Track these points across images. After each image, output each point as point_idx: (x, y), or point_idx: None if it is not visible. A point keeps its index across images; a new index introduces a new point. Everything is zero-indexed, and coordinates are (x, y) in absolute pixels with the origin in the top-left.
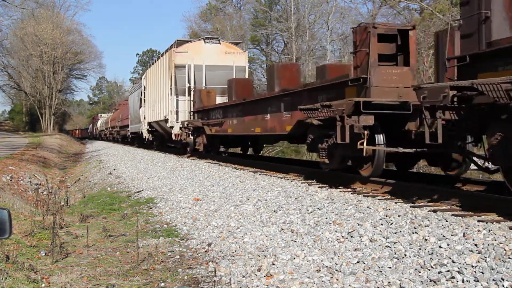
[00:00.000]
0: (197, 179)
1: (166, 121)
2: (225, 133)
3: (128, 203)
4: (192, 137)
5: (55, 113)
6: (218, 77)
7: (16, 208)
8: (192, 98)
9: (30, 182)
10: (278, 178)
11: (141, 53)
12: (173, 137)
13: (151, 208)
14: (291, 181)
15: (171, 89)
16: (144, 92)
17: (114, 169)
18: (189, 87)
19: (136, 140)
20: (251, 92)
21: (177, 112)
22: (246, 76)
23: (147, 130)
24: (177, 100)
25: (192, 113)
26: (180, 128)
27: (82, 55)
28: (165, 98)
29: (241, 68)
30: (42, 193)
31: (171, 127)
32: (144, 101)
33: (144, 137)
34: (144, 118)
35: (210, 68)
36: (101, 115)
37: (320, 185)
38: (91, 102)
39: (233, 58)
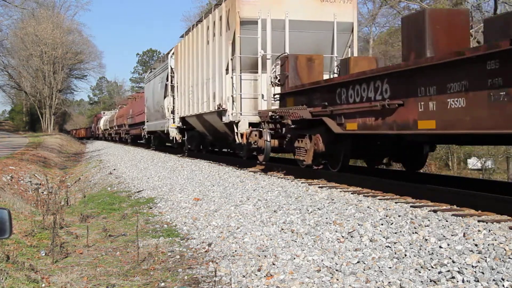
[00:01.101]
0: (197, 179)
1: (220, 113)
2: (407, 131)
3: (128, 203)
4: (269, 139)
5: (55, 113)
6: (308, 41)
7: (16, 208)
8: (275, 72)
9: (30, 182)
10: (278, 178)
11: (141, 53)
12: (237, 139)
13: (151, 208)
14: (291, 181)
15: (231, 60)
16: (172, 76)
17: (114, 169)
18: (263, 56)
19: (154, 142)
20: (467, 39)
21: (241, 99)
22: (355, 39)
23: (178, 128)
24: (241, 79)
25: (280, 97)
26: (250, 125)
27: (82, 55)
28: (216, 77)
29: (347, 26)
30: (42, 193)
31: (233, 124)
32: (173, 88)
33: (171, 138)
34: (172, 112)
35: (297, 25)
36: (104, 113)
37: (321, 185)
38: (91, 102)
39: (334, 9)
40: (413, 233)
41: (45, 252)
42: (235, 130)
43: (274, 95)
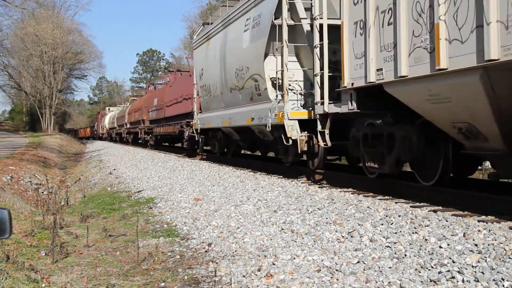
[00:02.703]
0: (197, 179)
1: None
2: None
3: (128, 203)
4: None
5: (55, 113)
6: None
7: (16, 208)
8: None
9: (30, 182)
10: (278, 178)
11: (141, 53)
12: None
13: (151, 208)
14: (291, 181)
15: None
16: (289, 10)
17: (114, 169)
18: None
19: (213, 145)
20: None
21: None
22: None
23: (323, 118)
24: None
25: None
26: None
27: (82, 55)
28: None
29: None
30: (42, 193)
31: None
32: (312, 30)
33: (291, 140)
34: (289, 88)
35: None
36: (109, 109)
37: (320, 185)
38: (91, 102)
39: None
40: (413, 233)
41: (45, 252)
42: None
43: None
